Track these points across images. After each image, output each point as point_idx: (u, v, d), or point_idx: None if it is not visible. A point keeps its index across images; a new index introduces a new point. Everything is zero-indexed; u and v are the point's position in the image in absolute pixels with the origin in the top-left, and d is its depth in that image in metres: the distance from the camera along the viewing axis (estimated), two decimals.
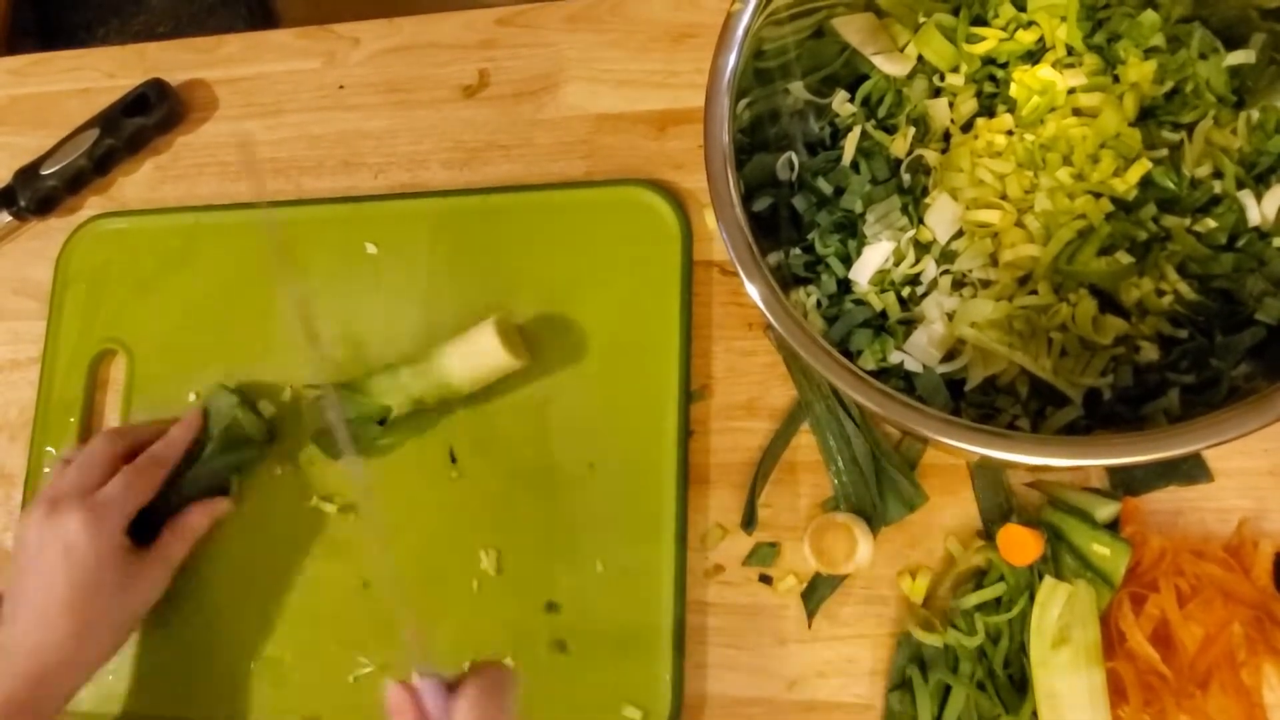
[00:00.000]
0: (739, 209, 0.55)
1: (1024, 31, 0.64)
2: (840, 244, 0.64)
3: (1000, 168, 0.62)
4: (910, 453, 0.65)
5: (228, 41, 0.87)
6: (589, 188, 0.75)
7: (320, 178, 0.81)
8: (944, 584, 0.63)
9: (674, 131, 0.75)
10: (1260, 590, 0.59)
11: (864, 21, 0.64)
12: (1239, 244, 0.59)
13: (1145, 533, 0.60)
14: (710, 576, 0.67)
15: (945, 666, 0.61)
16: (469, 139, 0.79)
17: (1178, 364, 0.57)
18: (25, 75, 0.91)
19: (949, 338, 0.60)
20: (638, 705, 0.64)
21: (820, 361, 0.52)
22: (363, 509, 0.69)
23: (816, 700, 0.64)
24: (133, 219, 0.82)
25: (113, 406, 0.79)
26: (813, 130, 0.67)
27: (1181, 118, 0.61)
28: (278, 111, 0.84)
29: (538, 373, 0.71)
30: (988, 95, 0.65)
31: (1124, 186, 0.59)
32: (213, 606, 0.72)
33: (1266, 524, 0.61)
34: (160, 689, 0.72)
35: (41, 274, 0.83)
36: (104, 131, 0.83)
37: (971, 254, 0.61)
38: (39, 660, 0.62)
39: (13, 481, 0.80)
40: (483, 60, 0.81)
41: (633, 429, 0.68)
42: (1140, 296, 0.59)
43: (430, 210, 0.77)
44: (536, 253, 0.74)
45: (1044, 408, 0.59)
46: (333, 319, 0.75)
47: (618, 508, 0.68)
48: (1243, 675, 0.57)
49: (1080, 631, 0.57)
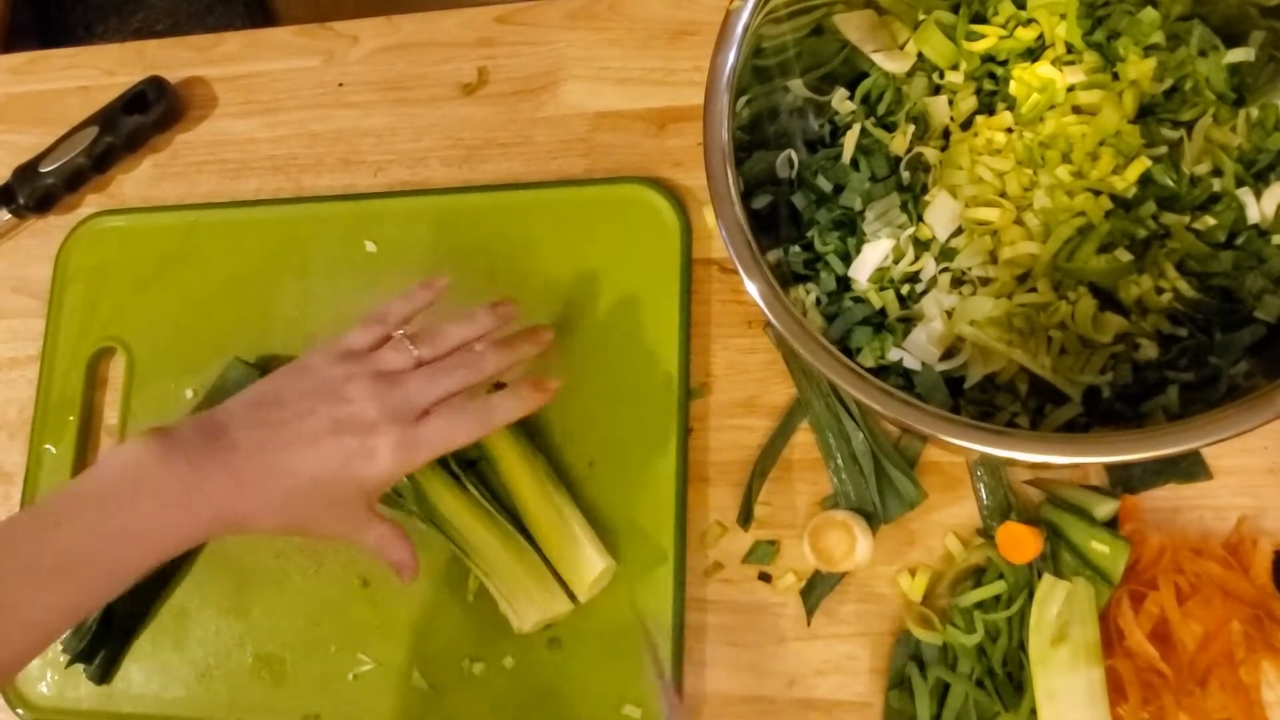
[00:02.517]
0: (738, 206, 0.55)
1: (1023, 29, 0.64)
2: (840, 241, 0.64)
3: (1000, 165, 0.62)
4: (909, 450, 0.65)
5: (227, 39, 0.87)
6: (588, 185, 0.74)
7: (320, 175, 0.81)
8: (943, 582, 0.63)
9: (673, 129, 0.75)
10: (1259, 588, 0.59)
11: (863, 19, 0.64)
12: (1238, 242, 0.59)
13: (1144, 530, 0.60)
14: (709, 574, 0.67)
15: (944, 664, 0.61)
16: (468, 137, 0.79)
17: (1177, 362, 0.57)
18: (24, 73, 0.91)
19: (948, 335, 0.60)
20: (637, 704, 0.64)
21: (819, 359, 0.52)
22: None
23: (815, 698, 0.64)
24: (132, 217, 0.82)
25: (112, 404, 0.79)
26: (812, 128, 0.67)
27: (1181, 115, 0.61)
28: (277, 109, 0.84)
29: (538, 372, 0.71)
30: (987, 93, 0.65)
31: (1123, 184, 0.59)
32: (212, 605, 0.72)
33: (1265, 522, 0.61)
34: (160, 688, 0.72)
35: (40, 272, 0.83)
36: (103, 129, 0.83)
37: (971, 251, 0.61)
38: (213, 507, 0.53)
39: (12, 480, 0.80)
40: (482, 58, 0.81)
41: (632, 427, 0.68)
42: (1139, 294, 0.59)
43: (430, 208, 0.77)
44: (536, 251, 0.74)
45: (1043, 405, 0.59)
46: (332, 317, 0.75)
47: (617, 505, 0.68)
48: (1241, 673, 0.57)
49: (1079, 629, 0.57)
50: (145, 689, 0.72)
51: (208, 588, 0.73)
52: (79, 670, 0.72)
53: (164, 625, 0.73)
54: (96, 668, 0.72)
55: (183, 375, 0.77)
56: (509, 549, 0.65)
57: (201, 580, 0.73)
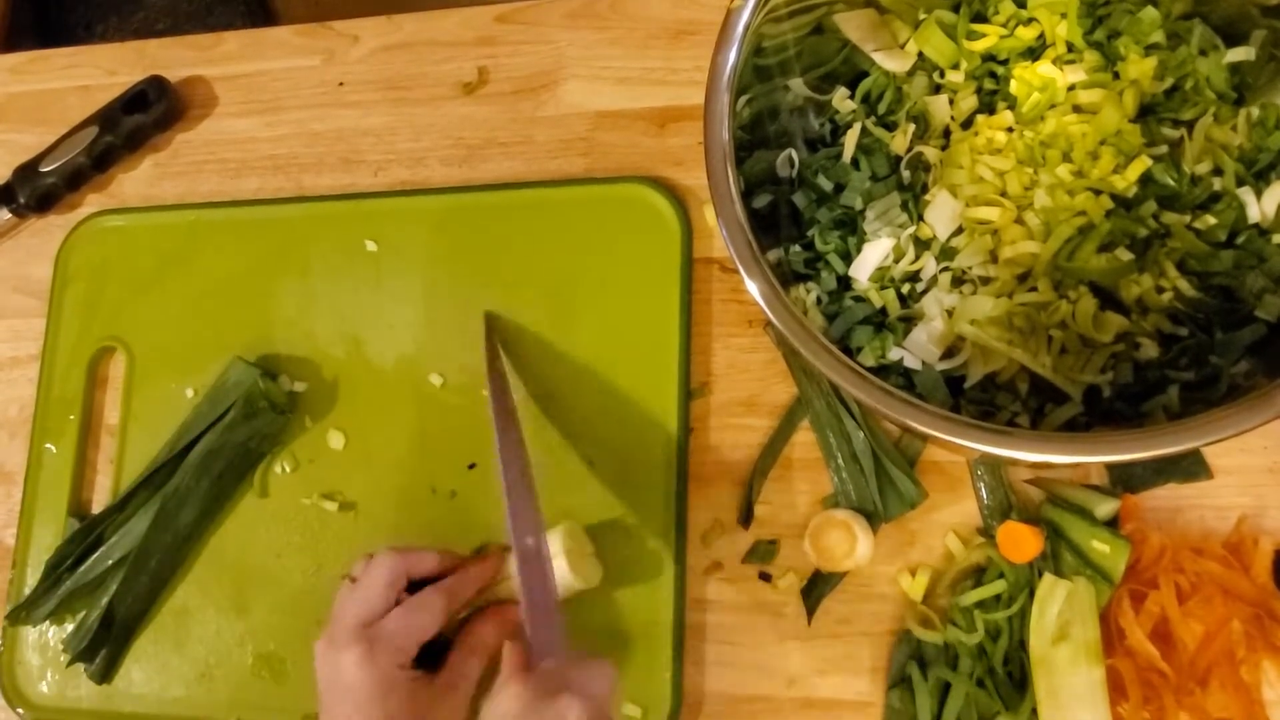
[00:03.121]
0: (739, 206, 0.55)
1: (1024, 28, 0.64)
2: (840, 241, 0.64)
3: (1000, 164, 0.62)
4: (910, 450, 0.65)
5: (227, 39, 0.87)
6: (589, 185, 0.74)
7: (320, 175, 0.81)
8: (944, 581, 0.63)
9: (674, 128, 0.75)
10: (1260, 587, 0.59)
11: (864, 18, 0.64)
12: (1239, 241, 0.59)
13: (1145, 530, 0.60)
14: (710, 574, 0.67)
15: (945, 664, 0.61)
16: (469, 136, 0.79)
17: (1177, 361, 0.57)
18: (24, 72, 0.91)
19: (949, 335, 0.60)
20: (637, 703, 0.64)
21: (820, 358, 0.52)
22: None
23: (816, 697, 0.64)
24: (132, 216, 0.82)
25: (112, 404, 0.79)
26: (813, 127, 0.67)
27: (1181, 114, 0.61)
28: (277, 109, 0.84)
29: (538, 371, 0.71)
30: (988, 92, 0.65)
31: (1124, 183, 0.59)
32: (213, 605, 0.72)
33: (1266, 521, 0.61)
34: (161, 688, 0.72)
35: (41, 271, 0.83)
36: (103, 129, 0.83)
37: (971, 251, 0.61)
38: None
39: (13, 479, 0.80)
40: (482, 57, 0.81)
41: (633, 426, 0.68)
42: (1140, 293, 0.59)
43: (430, 207, 0.76)
44: (536, 250, 0.74)
45: (1044, 405, 0.59)
46: (332, 316, 0.75)
47: (618, 505, 0.67)
48: (1242, 672, 0.57)
49: (1080, 629, 0.57)
50: (146, 688, 0.72)
51: (208, 587, 0.73)
52: (79, 670, 0.72)
53: (165, 625, 0.73)
54: (97, 667, 0.72)
55: (183, 375, 0.77)
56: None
57: (202, 580, 0.73)
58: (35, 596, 0.73)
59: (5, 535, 0.79)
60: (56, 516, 0.76)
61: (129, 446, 0.76)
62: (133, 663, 0.72)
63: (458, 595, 0.62)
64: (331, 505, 0.72)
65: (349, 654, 0.58)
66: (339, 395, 0.74)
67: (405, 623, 0.59)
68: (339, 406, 0.74)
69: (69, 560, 0.73)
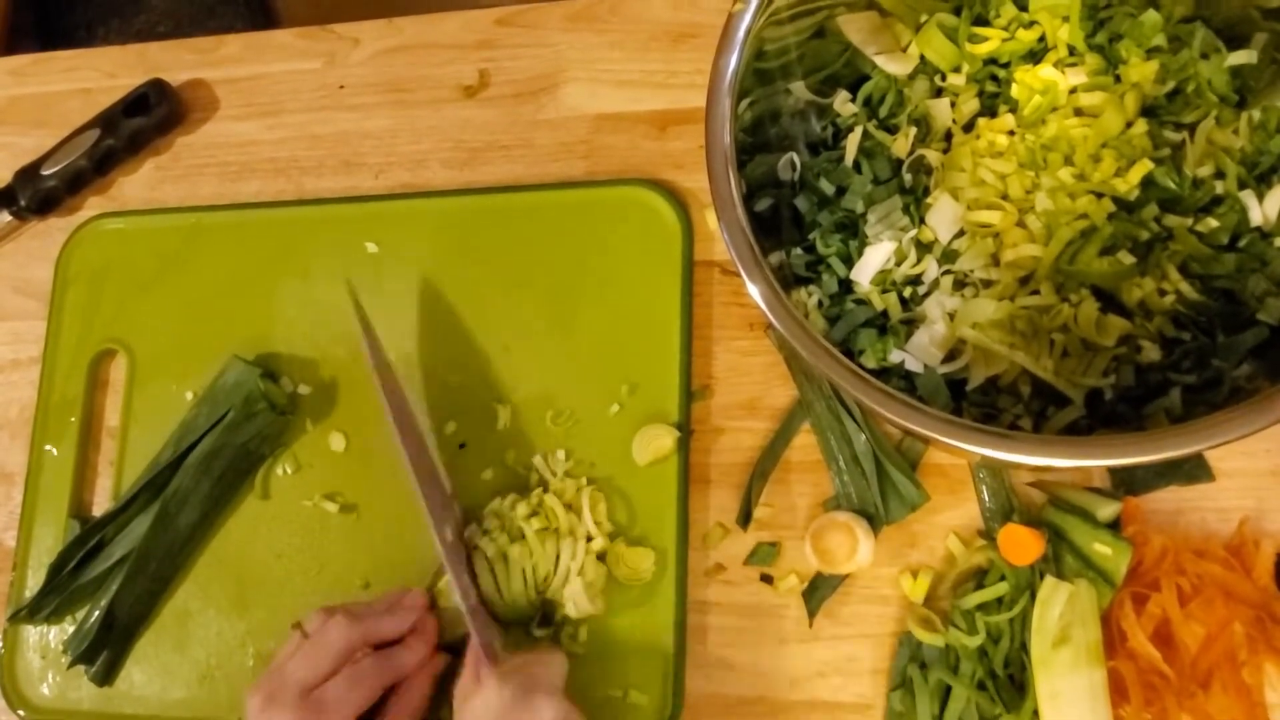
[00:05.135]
0: (740, 209, 0.55)
1: (1025, 31, 0.64)
2: (842, 244, 0.64)
3: (1002, 168, 0.62)
4: (911, 452, 0.65)
5: (228, 41, 0.87)
6: (589, 188, 0.75)
7: (321, 177, 0.81)
8: (945, 583, 0.63)
9: (675, 131, 0.75)
10: (1261, 590, 0.59)
11: (866, 21, 0.64)
12: (1241, 244, 0.59)
13: (1146, 532, 0.60)
14: (711, 576, 0.67)
15: (946, 666, 0.61)
16: (469, 139, 0.79)
17: (1180, 364, 0.57)
18: (25, 75, 0.91)
19: (950, 338, 0.60)
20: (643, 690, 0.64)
21: (821, 361, 0.52)
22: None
23: (817, 699, 0.64)
24: (133, 219, 0.82)
25: (113, 406, 0.79)
26: (814, 130, 0.67)
27: (1183, 118, 0.61)
28: (278, 111, 0.84)
29: (538, 372, 0.71)
30: (989, 95, 0.65)
31: (1126, 186, 0.59)
32: (214, 606, 0.72)
33: (1267, 524, 0.61)
34: (162, 689, 0.72)
35: (42, 274, 0.83)
36: (104, 132, 0.83)
37: (973, 254, 0.61)
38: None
39: (13, 480, 0.80)
40: (483, 60, 0.81)
41: (633, 428, 0.68)
42: (1142, 296, 0.59)
43: (431, 210, 0.77)
44: (537, 252, 0.74)
45: (1046, 408, 0.59)
46: (333, 318, 0.75)
47: (618, 506, 0.67)
48: (1244, 675, 0.57)
49: (1081, 631, 0.57)
50: (147, 690, 0.72)
51: (209, 588, 0.73)
52: (80, 672, 0.72)
53: (165, 626, 0.73)
54: (98, 669, 0.72)
55: (184, 377, 0.77)
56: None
57: (203, 581, 0.73)
58: (37, 599, 0.73)
59: (6, 537, 0.79)
60: (57, 518, 0.76)
61: (130, 448, 0.76)
62: (134, 664, 0.72)
63: (403, 668, 0.63)
64: (332, 506, 0.72)
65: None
66: (340, 397, 0.74)
67: (346, 695, 0.60)
68: (340, 408, 0.74)
69: (71, 563, 0.73)
